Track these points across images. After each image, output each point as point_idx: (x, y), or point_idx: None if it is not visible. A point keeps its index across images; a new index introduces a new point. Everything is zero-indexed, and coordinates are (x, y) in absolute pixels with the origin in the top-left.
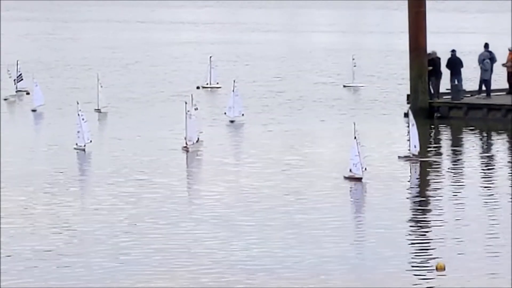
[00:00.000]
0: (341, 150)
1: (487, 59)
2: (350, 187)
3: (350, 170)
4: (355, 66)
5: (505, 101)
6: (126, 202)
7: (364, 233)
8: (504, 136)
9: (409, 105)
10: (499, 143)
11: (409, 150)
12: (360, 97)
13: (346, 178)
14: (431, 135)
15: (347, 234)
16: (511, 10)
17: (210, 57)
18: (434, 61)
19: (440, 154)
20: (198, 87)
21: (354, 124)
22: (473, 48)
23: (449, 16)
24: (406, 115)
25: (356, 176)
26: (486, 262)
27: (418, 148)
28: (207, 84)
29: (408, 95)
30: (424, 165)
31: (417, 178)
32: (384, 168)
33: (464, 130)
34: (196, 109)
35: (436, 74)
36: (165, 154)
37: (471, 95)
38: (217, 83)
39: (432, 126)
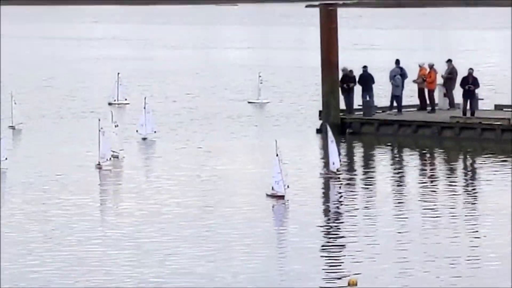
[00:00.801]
0: (256, 167)
1: (398, 75)
2: (272, 204)
3: (272, 188)
4: (261, 82)
5: (416, 117)
6: (36, 220)
7: (280, 249)
8: (415, 152)
9: (321, 121)
10: (409, 159)
11: (324, 168)
12: (272, 114)
13: (268, 195)
14: (344, 151)
15: (262, 251)
16: (422, 27)
17: (118, 73)
18: (348, 77)
19: (354, 170)
20: (110, 103)
21: (276, 141)
22: (384, 64)
23: (362, 32)
24: (318, 131)
25: (279, 194)
26: (397, 278)
27: (337, 165)
28: (115, 100)
29: (320, 111)
30: (342, 181)
31: (335, 195)
32: (304, 185)
33: (376, 146)
34: (116, 126)
35: (349, 90)
36: (78, 171)
37: (383, 111)
38: (125, 99)
39: (344, 142)
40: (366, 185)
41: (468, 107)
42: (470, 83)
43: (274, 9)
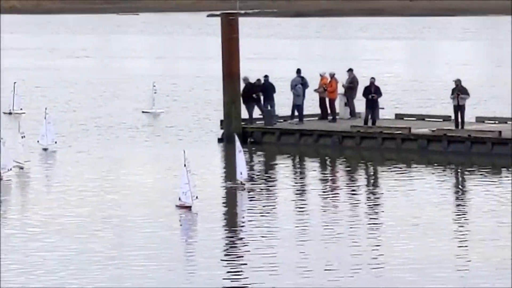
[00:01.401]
0: (162, 177)
1: (299, 84)
2: (179, 215)
3: (180, 199)
4: (155, 92)
5: (317, 127)
6: None
7: (185, 260)
8: (316, 161)
9: (222, 130)
10: (311, 168)
11: (230, 178)
12: (169, 123)
13: (177, 206)
14: (246, 160)
15: (166, 262)
16: (323, 37)
17: (14, 83)
18: (249, 86)
19: (256, 180)
20: (6, 113)
21: (184, 152)
22: (286, 73)
23: (263, 42)
24: (220, 140)
25: (186, 204)
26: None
27: (245, 175)
28: (10, 110)
29: (221, 121)
30: (247, 191)
31: (241, 205)
32: (211, 196)
33: (277, 156)
34: (23, 137)
35: (249, 99)
36: None
37: (284, 120)
38: (21, 109)
39: (246, 151)
40: (268, 195)
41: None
42: (373, 92)
43: (176, 18)
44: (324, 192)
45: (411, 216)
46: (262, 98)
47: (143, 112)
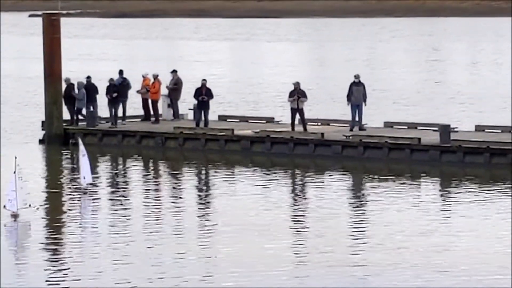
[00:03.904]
0: None
1: (82, 88)
2: (4, 224)
3: (5, 207)
4: None
5: (140, 128)
6: None
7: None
8: (138, 162)
9: (44, 132)
10: (133, 169)
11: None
12: None
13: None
14: (68, 162)
15: None
16: (149, 37)
17: None
18: (71, 87)
19: (76, 181)
20: None
21: (16, 158)
22: (109, 74)
23: (89, 42)
24: (41, 141)
25: (13, 212)
26: None
27: (89, 180)
28: None
29: (43, 122)
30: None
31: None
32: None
33: (99, 157)
34: None
35: (70, 100)
36: None
37: (106, 122)
38: None
39: (68, 152)
40: (94, 197)
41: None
42: (204, 94)
43: None
44: (146, 192)
45: (240, 217)
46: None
47: None
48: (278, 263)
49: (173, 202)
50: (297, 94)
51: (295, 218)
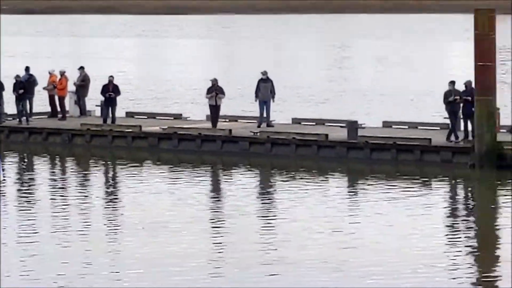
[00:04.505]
0: None
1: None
2: None
3: None
4: None
5: (46, 125)
6: None
7: None
8: (45, 159)
9: None
10: (40, 166)
11: None
12: None
13: None
14: None
15: None
16: (55, 34)
17: None
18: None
19: None
20: None
21: None
22: (15, 71)
23: None
24: None
25: None
26: None
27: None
28: None
29: None
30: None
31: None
32: None
33: (6, 154)
34: None
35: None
36: None
37: (13, 119)
38: None
39: None
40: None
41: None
42: (111, 90)
43: None
44: (52, 189)
45: (148, 215)
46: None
47: None
48: (190, 261)
49: (80, 200)
50: (215, 91)
51: (204, 215)
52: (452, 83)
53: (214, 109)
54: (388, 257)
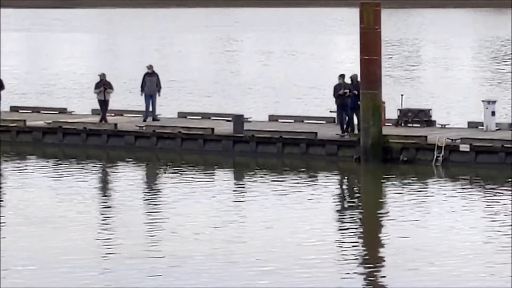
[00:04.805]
0: None
1: None
2: None
3: None
4: None
5: None
6: None
7: None
8: None
9: None
10: None
11: None
12: None
13: None
14: None
15: None
16: None
17: None
18: None
19: None
20: None
21: None
22: None
23: None
24: None
25: None
26: None
27: None
28: None
29: None
30: None
31: None
32: None
33: None
34: None
35: None
36: None
37: None
38: None
39: None
40: None
41: None
42: None
43: None
44: None
45: (33, 210)
46: None
47: None
48: (75, 256)
49: None
50: (103, 86)
51: (90, 210)
52: (342, 76)
53: (103, 103)
54: (277, 250)
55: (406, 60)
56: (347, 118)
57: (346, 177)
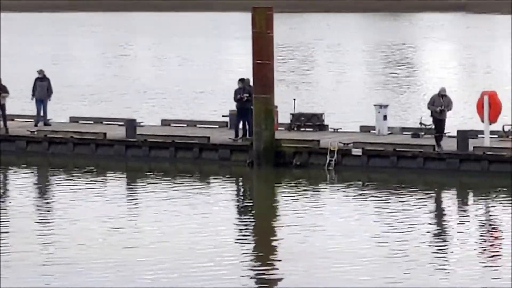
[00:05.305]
0: None
1: None
2: None
3: None
4: None
5: None
6: None
7: None
8: None
9: None
10: None
11: None
12: None
13: None
14: None
15: None
16: None
17: None
18: None
19: None
20: None
21: None
22: None
23: None
24: None
25: None
26: None
27: None
28: None
29: None
30: None
31: None
32: None
33: None
34: None
35: None
36: None
37: None
38: None
39: None
40: None
41: None
42: None
43: None
44: None
45: None
46: None
47: None
48: None
49: None
50: None
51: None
52: (242, 80)
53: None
54: (175, 255)
55: (301, 65)
56: (247, 122)
57: (239, 182)
